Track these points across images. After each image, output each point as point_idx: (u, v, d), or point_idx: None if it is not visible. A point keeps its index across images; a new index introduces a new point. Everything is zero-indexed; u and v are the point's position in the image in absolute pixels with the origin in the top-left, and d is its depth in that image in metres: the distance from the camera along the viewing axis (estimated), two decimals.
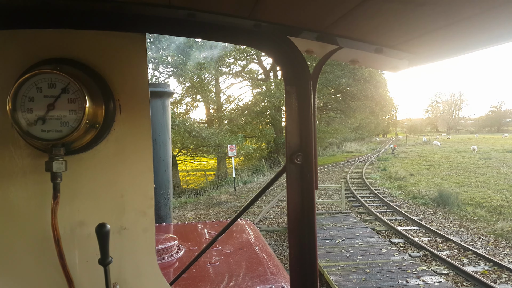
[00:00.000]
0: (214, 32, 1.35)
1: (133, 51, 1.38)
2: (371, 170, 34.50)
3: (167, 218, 3.83)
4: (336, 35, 1.40)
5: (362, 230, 12.33)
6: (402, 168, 34.30)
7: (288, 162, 1.35)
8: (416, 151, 58.20)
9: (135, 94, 1.39)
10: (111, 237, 1.26)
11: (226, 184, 28.89)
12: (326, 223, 13.25)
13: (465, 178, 25.98)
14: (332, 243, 11.04)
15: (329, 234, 11.93)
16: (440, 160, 40.90)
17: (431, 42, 1.38)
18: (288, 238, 1.42)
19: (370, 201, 18.83)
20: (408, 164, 38.61)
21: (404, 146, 72.15)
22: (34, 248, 1.32)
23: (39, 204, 1.31)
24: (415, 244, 11.49)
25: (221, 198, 22.36)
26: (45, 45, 1.30)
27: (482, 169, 31.32)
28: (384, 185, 24.88)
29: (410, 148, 66.96)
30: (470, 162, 37.29)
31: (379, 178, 28.14)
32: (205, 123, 38.36)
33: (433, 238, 12.35)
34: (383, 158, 45.98)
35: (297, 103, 1.35)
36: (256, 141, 39.89)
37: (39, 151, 1.29)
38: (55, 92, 1.21)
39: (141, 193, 1.40)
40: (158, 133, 3.70)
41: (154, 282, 1.43)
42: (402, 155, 50.75)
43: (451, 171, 30.52)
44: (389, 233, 13.16)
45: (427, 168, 34.01)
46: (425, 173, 30.32)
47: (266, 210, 16.97)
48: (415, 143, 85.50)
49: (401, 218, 15.27)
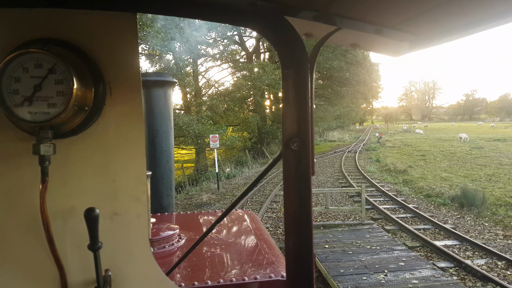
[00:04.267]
0: (207, 11, 1.30)
1: (123, 31, 1.32)
2: (364, 161, 31.89)
3: (169, 208, 3.86)
4: (335, 14, 1.37)
5: (402, 253, 9.01)
6: (396, 159, 31.94)
7: (284, 148, 1.31)
8: (401, 140, 56.60)
9: (126, 76, 1.34)
10: (103, 223, 1.27)
11: (207, 179, 25.36)
12: (348, 241, 9.78)
13: (471, 171, 23.70)
14: (372, 281, 7.50)
15: (361, 263, 8.31)
16: (431, 150, 39.00)
17: (433, 21, 1.35)
18: (284, 225, 1.36)
19: (381, 202, 15.95)
20: (400, 154, 36.42)
21: (387, 135, 70.56)
22: (22, 233, 1.29)
23: (28, 189, 1.27)
24: (473, 272, 8.56)
25: (203, 198, 18.91)
26: (32, 25, 1.25)
27: (481, 159, 29.35)
28: (386, 179, 22.16)
29: (393, 137, 65.43)
30: (464, 152, 35.49)
31: (378, 172, 25.47)
32: (181, 109, 34.30)
33: (489, 259, 9.49)
34: (371, 148, 43.78)
35: (294, 86, 1.31)
36: (239, 130, 36.40)
37: (27, 134, 1.25)
38: (41, 72, 1.16)
39: (134, 178, 1.37)
40: (160, 123, 3.71)
41: (148, 268, 1.41)
42: (389, 144, 48.84)
43: (450, 163, 28.32)
44: (426, 250, 10.23)
45: (422, 158, 31.78)
46: (423, 164, 27.97)
47: (261, 215, 13.73)
48: (396, 132, 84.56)
49: (430, 226, 12.41)
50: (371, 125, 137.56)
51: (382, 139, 55.94)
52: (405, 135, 72.46)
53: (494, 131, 74.63)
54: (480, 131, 72.41)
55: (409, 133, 78.15)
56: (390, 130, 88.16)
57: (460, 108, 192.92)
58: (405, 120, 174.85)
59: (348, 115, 68.14)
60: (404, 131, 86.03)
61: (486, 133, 65.27)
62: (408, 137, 64.70)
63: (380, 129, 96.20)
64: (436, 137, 60.92)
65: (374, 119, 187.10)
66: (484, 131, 75.25)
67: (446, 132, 79.38)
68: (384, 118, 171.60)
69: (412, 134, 72.38)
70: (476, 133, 64.86)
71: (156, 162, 3.76)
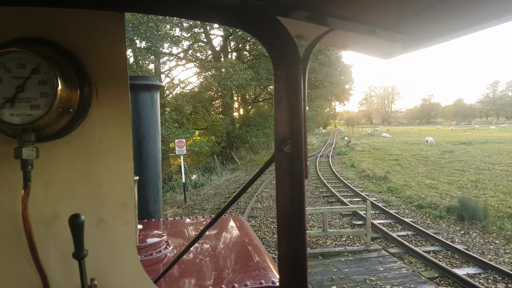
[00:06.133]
0: (196, 10, 1.27)
1: (110, 31, 1.28)
2: (339, 167, 30.39)
3: (156, 214, 3.79)
4: (328, 15, 1.35)
5: None
6: (370, 164, 30.76)
7: (277, 151, 1.28)
8: (368, 144, 56.29)
9: (113, 77, 1.30)
10: (88, 230, 1.23)
11: (171, 190, 22.52)
12: (359, 276, 7.48)
13: (452, 177, 22.69)
14: None
15: None
16: (403, 154, 38.39)
17: (427, 22, 1.33)
18: (277, 229, 1.31)
19: (372, 215, 14.02)
20: (372, 159, 35.43)
21: (353, 139, 70.48)
22: (3, 241, 1.24)
23: (9, 195, 1.22)
24: None
25: (167, 214, 16.21)
26: (15, 23, 1.21)
27: (456, 164, 28.75)
28: (368, 187, 20.54)
29: (360, 140, 65.32)
30: (436, 156, 35.05)
31: (357, 178, 23.88)
32: None
33: None
34: (342, 152, 42.68)
35: (286, 88, 1.27)
36: (206, 134, 33.59)
37: (8, 137, 1.20)
38: (24, 73, 1.12)
39: (121, 183, 1.32)
40: (147, 127, 3.66)
41: (135, 276, 1.37)
42: (359, 148, 48.17)
43: (426, 168, 27.41)
44: (448, 283, 8.34)
45: (396, 163, 30.80)
46: (400, 170, 26.83)
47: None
48: (361, 135, 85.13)
49: (439, 248, 10.61)
50: (334, 129, 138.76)
51: (351, 143, 55.38)
52: (370, 138, 72.79)
53: (454, 134, 76.91)
54: (441, 135, 74.25)
55: (373, 137, 78.79)
56: (355, 134, 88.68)
57: (417, 112, 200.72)
58: (365, 124, 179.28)
59: (314, 119, 67.37)
60: (368, 135, 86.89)
61: (449, 137, 66.82)
62: (374, 140, 64.79)
63: (345, 133, 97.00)
64: (402, 140, 61.28)
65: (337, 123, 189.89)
66: (445, 134, 77.35)
67: (409, 135, 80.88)
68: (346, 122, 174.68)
69: (378, 138, 72.86)
70: (439, 136, 66.14)
71: (142, 167, 3.67)
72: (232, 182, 24.22)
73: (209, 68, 29.16)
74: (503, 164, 27.27)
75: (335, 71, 39.84)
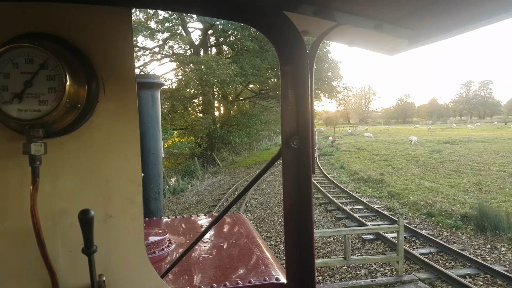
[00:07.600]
0: (204, 6, 1.27)
1: (117, 26, 1.27)
2: (328, 168, 28.68)
3: (157, 212, 3.76)
4: (335, 9, 1.34)
5: None
6: (360, 165, 29.25)
7: (284, 146, 1.28)
8: (352, 143, 55.16)
9: (120, 73, 1.29)
10: (96, 226, 1.20)
11: None
12: None
13: (450, 179, 21.36)
14: None
15: None
16: (390, 154, 37.21)
17: (433, 16, 1.31)
18: (284, 224, 1.31)
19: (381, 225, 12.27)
20: (359, 159, 33.99)
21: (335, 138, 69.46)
22: (12, 237, 1.22)
23: (18, 191, 1.21)
24: None
25: None
26: (23, 19, 1.19)
27: (448, 164, 27.61)
28: (366, 192, 18.82)
29: (342, 140, 64.19)
30: (425, 156, 33.99)
31: (351, 182, 22.16)
32: None
33: None
34: (327, 152, 41.15)
35: (293, 83, 1.27)
36: (185, 134, 31.09)
37: (16, 133, 1.19)
38: (32, 68, 1.10)
39: (128, 179, 1.31)
40: (148, 125, 3.62)
41: (144, 272, 1.35)
42: (343, 148, 46.86)
43: (419, 169, 26.09)
44: None
45: (387, 164, 29.40)
46: (393, 171, 25.37)
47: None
48: (342, 135, 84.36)
49: (475, 271, 8.84)
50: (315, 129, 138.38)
51: (335, 143, 54.13)
52: (352, 138, 71.92)
53: (434, 133, 77.34)
54: (421, 134, 74.32)
55: (355, 136, 78.13)
56: (336, 134, 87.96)
57: (394, 112, 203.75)
58: (343, 124, 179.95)
59: None
60: (349, 134, 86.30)
61: (429, 136, 66.84)
62: (357, 140, 63.82)
63: (325, 133, 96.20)
64: (385, 140, 60.59)
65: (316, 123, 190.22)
66: (425, 133, 77.60)
67: (389, 134, 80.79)
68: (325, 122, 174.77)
69: (360, 137, 72.10)
70: (419, 135, 65.95)
71: (144, 165, 3.45)
72: (215, 188, 21.98)
73: (189, 63, 26.76)
74: (497, 164, 26.30)
75: (323, 67, 38.21)
